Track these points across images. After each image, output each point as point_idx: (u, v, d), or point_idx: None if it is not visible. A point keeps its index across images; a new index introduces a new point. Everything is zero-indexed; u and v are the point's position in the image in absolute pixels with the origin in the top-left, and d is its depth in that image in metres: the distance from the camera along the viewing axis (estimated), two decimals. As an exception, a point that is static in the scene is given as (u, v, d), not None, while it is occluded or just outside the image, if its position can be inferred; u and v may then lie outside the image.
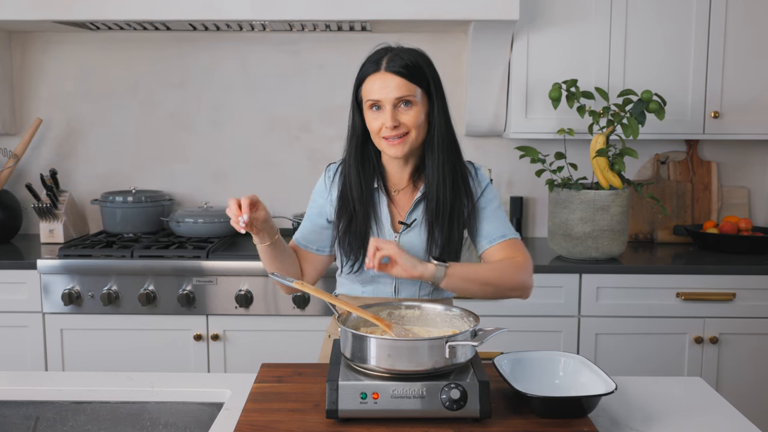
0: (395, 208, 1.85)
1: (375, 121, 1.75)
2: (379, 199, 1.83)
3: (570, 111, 2.96)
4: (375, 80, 1.73)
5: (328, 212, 1.87)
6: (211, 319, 2.85)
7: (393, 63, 1.73)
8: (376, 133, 1.76)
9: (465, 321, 1.58)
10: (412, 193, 1.85)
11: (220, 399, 1.65)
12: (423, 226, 1.81)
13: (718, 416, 1.55)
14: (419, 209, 1.82)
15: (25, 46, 3.36)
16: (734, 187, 3.38)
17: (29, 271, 2.84)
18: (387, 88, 1.72)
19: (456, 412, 1.40)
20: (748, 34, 3.01)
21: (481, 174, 1.89)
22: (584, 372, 1.58)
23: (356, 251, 1.80)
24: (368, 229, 1.80)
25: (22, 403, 1.68)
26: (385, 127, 1.73)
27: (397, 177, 1.86)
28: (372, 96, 1.74)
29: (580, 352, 2.84)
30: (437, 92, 1.78)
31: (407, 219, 1.82)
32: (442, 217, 1.78)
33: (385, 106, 1.72)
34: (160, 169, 3.42)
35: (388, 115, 1.72)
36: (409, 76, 1.73)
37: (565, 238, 2.90)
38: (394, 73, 1.72)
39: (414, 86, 1.73)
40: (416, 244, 1.81)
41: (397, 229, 1.82)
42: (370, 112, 1.76)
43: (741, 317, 2.84)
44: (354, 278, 1.85)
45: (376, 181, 1.83)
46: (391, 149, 1.75)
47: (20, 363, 2.87)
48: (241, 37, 3.33)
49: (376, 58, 1.76)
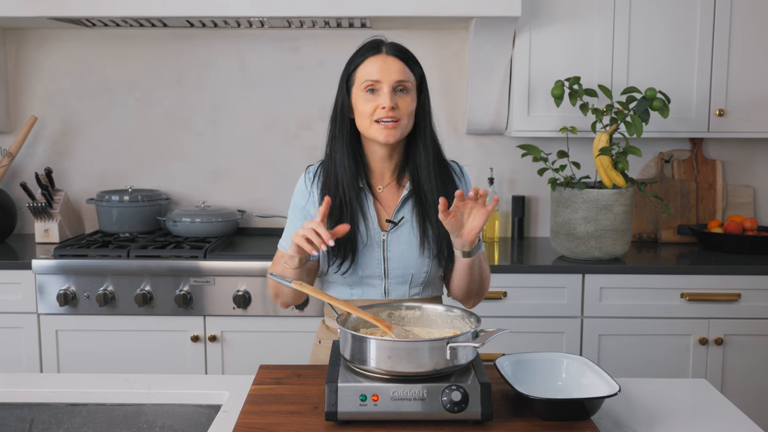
0: (380, 206, 1.83)
1: (369, 103, 1.73)
2: (365, 197, 1.81)
3: (573, 109, 2.95)
4: (376, 62, 1.74)
5: (311, 214, 1.83)
6: (208, 320, 2.83)
7: (393, 47, 1.77)
8: (369, 115, 1.73)
9: (466, 322, 1.58)
10: (398, 190, 1.83)
11: (217, 401, 1.65)
12: (414, 223, 1.79)
13: (722, 419, 1.55)
14: (407, 207, 1.81)
15: (20, 43, 3.34)
16: (739, 186, 3.35)
17: (24, 271, 2.82)
18: (389, 70, 1.73)
19: (457, 415, 1.39)
20: (753, 31, 2.99)
21: (466, 175, 1.90)
22: (587, 374, 1.57)
23: (344, 253, 1.77)
24: (356, 230, 1.78)
25: (16, 405, 1.67)
26: (381, 108, 1.71)
27: (380, 173, 1.83)
28: (372, 77, 1.73)
29: (583, 353, 2.83)
30: (426, 87, 1.82)
31: (395, 217, 1.80)
32: (431, 212, 1.77)
33: (384, 87, 1.72)
34: (156, 168, 3.40)
35: (387, 96, 1.72)
36: (408, 62, 1.77)
37: (568, 237, 2.88)
38: (395, 57, 1.75)
39: (411, 74, 1.76)
40: (408, 241, 1.79)
41: (385, 227, 1.80)
42: (363, 95, 1.74)
43: (746, 318, 2.83)
44: (342, 280, 1.82)
45: (361, 179, 1.81)
46: (383, 133, 1.73)
47: (15, 365, 2.86)
48: (239, 33, 3.31)
49: (374, 44, 1.78)
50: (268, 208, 3.37)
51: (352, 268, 1.77)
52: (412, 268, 1.78)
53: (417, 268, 1.78)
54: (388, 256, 1.78)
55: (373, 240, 1.78)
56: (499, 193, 3.35)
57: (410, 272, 1.78)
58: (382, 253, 1.78)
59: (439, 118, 1.86)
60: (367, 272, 1.78)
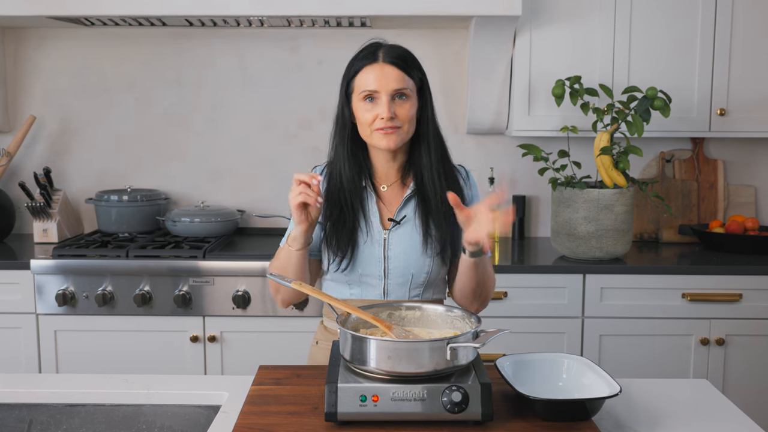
0: (383, 205, 1.82)
1: (368, 112, 1.73)
2: (367, 196, 1.81)
3: (573, 108, 2.94)
4: (372, 71, 1.73)
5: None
6: (207, 320, 2.82)
7: (390, 55, 1.74)
8: (369, 124, 1.73)
9: (466, 322, 1.57)
10: (402, 190, 1.83)
11: (217, 402, 1.64)
12: (417, 223, 1.79)
13: (724, 419, 1.54)
14: (410, 206, 1.81)
15: (19, 42, 3.33)
16: (741, 185, 3.35)
17: (22, 271, 2.82)
18: (386, 79, 1.71)
19: (457, 415, 1.39)
20: (755, 30, 2.99)
21: (472, 179, 1.89)
22: (588, 374, 1.57)
23: (344, 249, 1.77)
24: (357, 226, 1.78)
25: (15, 405, 1.67)
26: (380, 118, 1.71)
27: (385, 173, 1.83)
28: (369, 86, 1.72)
29: (583, 353, 2.82)
30: (427, 89, 1.80)
31: (397, 216, 1.80)
32: (436, 213, 1.77)
33: (382, 97, 1.72)
34: (156, 168, 3.39)
35: (385, 106, 1.71)
36: (406, 68, 1.74)
37: (569, 237, 2.87)
38: (392, 65, 1.73)
39: (409, 80, 1.74)
40: (410, 240, 1.78)
41: (387, 226, 1.80)
42: (362, 104, 1.74)
43: (748, 318, 2.82)
44: (341, 279, 1.81)
45: (364, 179, 1.81)
46: (384, 139, 1.73)
47: (13, 365, 2.85)
48: (238, 32, 3.30)
49: (371, 50, 1.76)
50: (268, 208, 3.36)
51: (351, 265, 1.77)
52: (412, 267, 1.77)
53: (417, 268, 1.78)
54: (389, 254, 1.77)
55: (374, 238, 1.78)
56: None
57: (410, 272, 1.78)
58: (382, 251, 1.77)
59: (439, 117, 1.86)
60: (367, 270, 1.77)
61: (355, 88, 1.75)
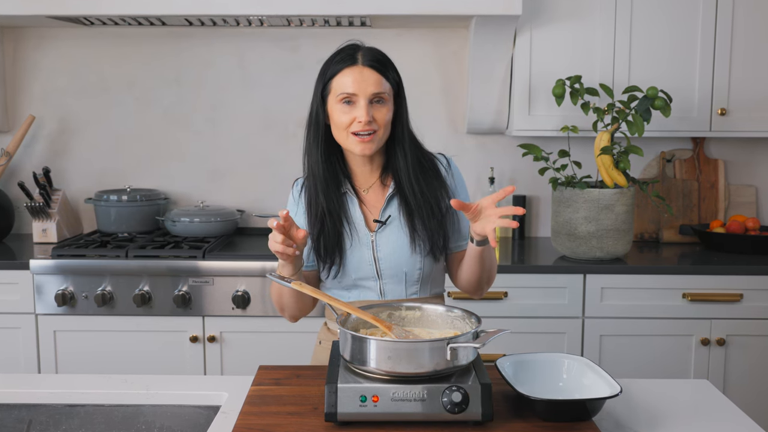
0: (366, 207, 1.81)
1: (345, 115, 1.71)
2: (349, 201, 1.80)
3: (574, 108, 2.94)
4: (351, 73, 1.71)
5: (302, 225, 1.83)
6: (207, 320, 2.82)
7: (369, 57, 1.72)
8: (345, 127, 1.72)
9: (466, 322, 1.57)
10: (383, 190, 1.82)
11: (216, 402, 1.64)
12: (403, 221, 1.78)
13: (724, 419, 1.54)
14: (393, 205, 1.80)
15: (18, 42, 3.32)
16: (741, 185, 3.34)
17: (22, 271, 2.81)
18: (365, 83, 1.70)
19: (457, 416, 1.39)
20: (756, 29, 2.98)
21: (454, 166, 1.86)
22: (588, 374, 1.57)
23: (332, 256, 1.76)
24: (341, 232, 1.77)
25: (14, 406, 1.67)
26: (358, 122, 1.69)
27: (363, 176, 1.83)
28: (347, 89, 1.70)
29: (584, 354, 2.82)
30: (402, 93, 1.79)
31: (382, 216, 1.79)
32: (418, 211, 1.76)
33: (360, 100, 1.70)
34: (155, 168, 3.39)
35: (363, 110, 1.69)
36: (384, 71, 1.73)
37: (569, 237, 2.87)
38: (371, 68, 1.71)
39: (386, 83, 1.73)
40: (398, 239, 1.78)
41: (373, 228, 1.79)
42: (338, 106, 1.72)
43: (749, 318, 2.81)
44: (337, 284, 1.82)
45: (344, 184, 1.80)
46: (359, 146, 1.72)
47: (13, 365, 2.85)
48: (238, 32, 3.30)
49: (350, 52, 1.74)
50: (268, 208, 3.36)
51: (342, 271, 1.77)
52: (404, 266, 1.77)
53: (410, 266, 1.77)
54: (379, 256, 1.77)
55: (362, 242, 1.77)
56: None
57: (403, 270, 1.77)
58: (372, 253, 1.77)
59: (439, 117, 1.85)
60: (360, 274, 1.77)
61: (332, 90, 1.74)
